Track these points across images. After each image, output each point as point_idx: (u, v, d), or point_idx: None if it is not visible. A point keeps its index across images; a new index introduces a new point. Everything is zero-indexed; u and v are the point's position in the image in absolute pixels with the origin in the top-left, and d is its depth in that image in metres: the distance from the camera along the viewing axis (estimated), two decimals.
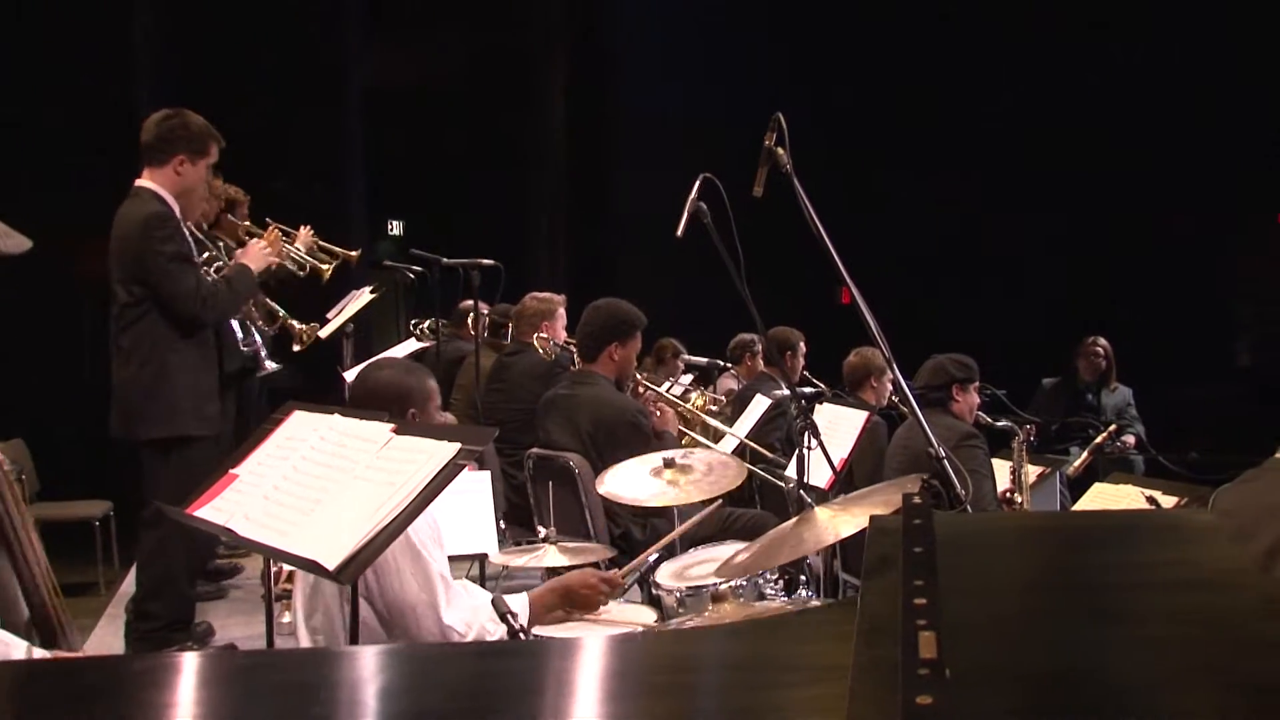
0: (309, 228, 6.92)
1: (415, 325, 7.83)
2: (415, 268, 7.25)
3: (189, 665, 1.67)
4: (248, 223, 6.73)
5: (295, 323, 6.17)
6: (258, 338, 6.40)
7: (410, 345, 7.02)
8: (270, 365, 6.37)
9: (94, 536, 6.81)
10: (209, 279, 5.15)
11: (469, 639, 2.98)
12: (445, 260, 6.50)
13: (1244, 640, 1.27)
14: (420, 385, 3.38)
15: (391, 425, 2.39)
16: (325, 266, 7.00)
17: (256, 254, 5.50)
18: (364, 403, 3.25)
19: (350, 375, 6.84)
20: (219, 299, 5.11)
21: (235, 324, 6.26)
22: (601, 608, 3.50)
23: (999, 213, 11.11)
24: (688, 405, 5.94)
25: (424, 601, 2.97)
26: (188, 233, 5.16)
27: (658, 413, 5.40)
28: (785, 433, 6.63)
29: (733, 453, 5.70)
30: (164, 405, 4.98)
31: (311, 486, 2.35)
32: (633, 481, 4.04)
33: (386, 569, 2.96)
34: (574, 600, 3.41)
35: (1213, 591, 1.41)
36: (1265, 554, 3.58)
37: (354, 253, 7.16)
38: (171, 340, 5.00)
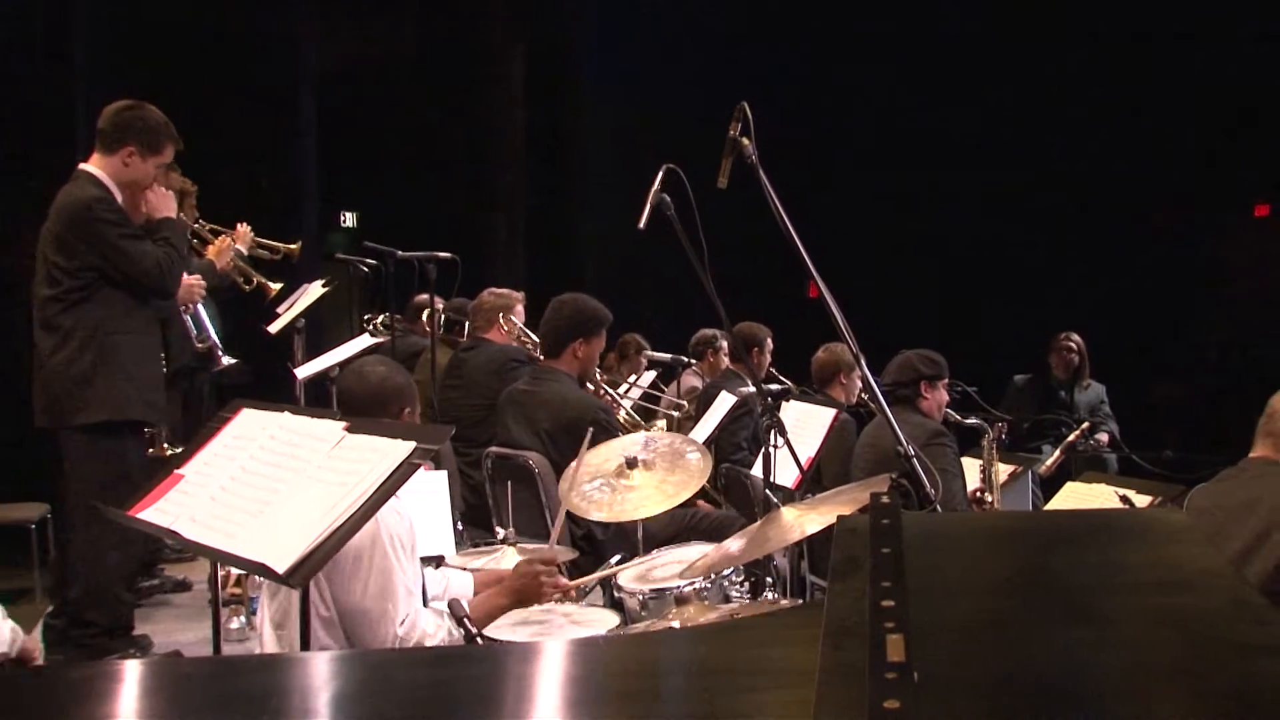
0: (246, 225, 6.84)
1: (369, 320, 7.79)
2: (369, 261, 7.21)
3: (131, 674, 1.66)
4: (197, 214, 6.69)
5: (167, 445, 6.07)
6: (213, 334, 6.36)
7: (364, 341, 6.98)
8: (226, 360, 6.34)
9: (30, 540, 6.73)
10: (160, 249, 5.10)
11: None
12: (400, 253, 6.47)
13: (1217, 643, 1.28)
14: (411, 385, 3.43)
15: (344, 424, 2.38)
16: (276, 286, 6.96)
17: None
18: (360, 400, 3.29)
19: (302, 372, 6.80)
20: (174, 264, 5.10)
21: (189, 319, 6.22)
22: (561, 603, 3.50)
23: (970, 207, 11.15)
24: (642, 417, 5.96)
25: (377, 610, 2.96)
26: None
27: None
28: (752, 431, 6.65)
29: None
30: (104, 389, 4.92)
31: (261, 487, 2.34)
32: (593, 490, 4.03)
33: (340, 572, 2.95)
34: (521, 595, 3.36)
35: (1186, 593, 1.42)
36: (1240, 555, 3.64)
37: (294, 246, 7.09)
38: (118, 323, 4.97)
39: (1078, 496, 4.91)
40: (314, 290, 7.38)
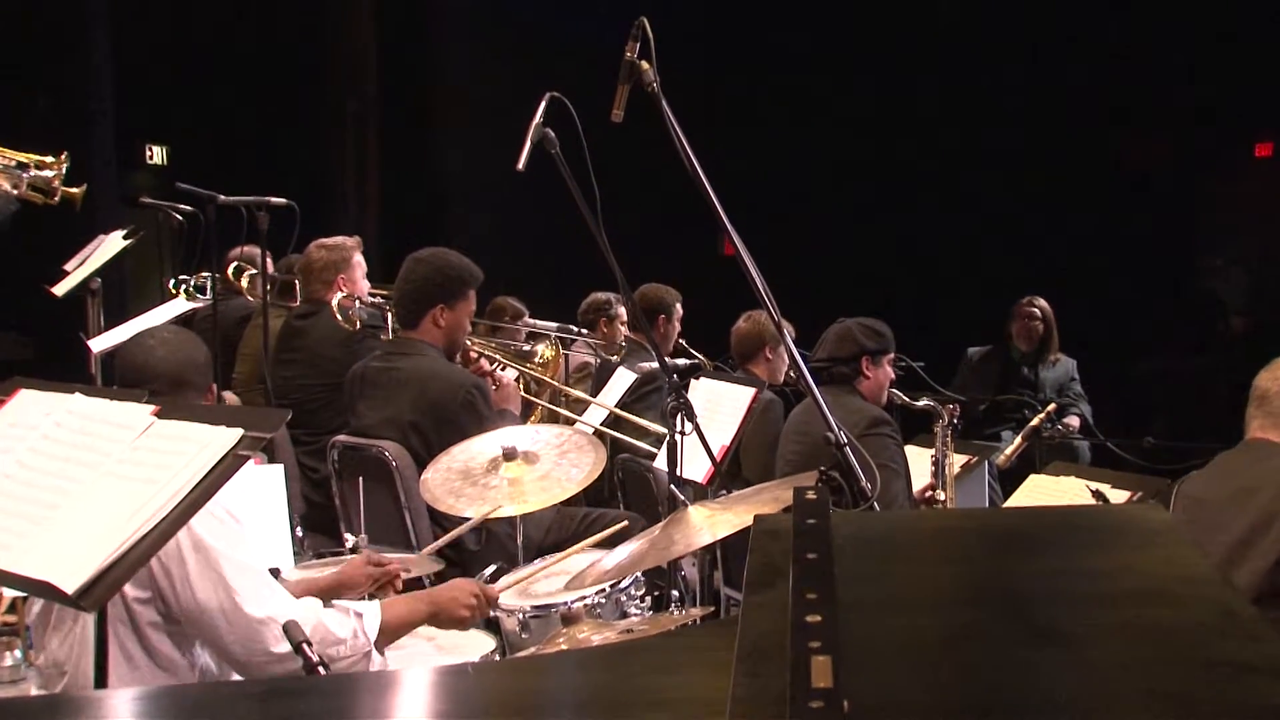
0: None
1: (183, 281, 7.66)
2: (183, 207, 7.07)
3: None
4: None
5: None
6: None
7: (178, 305, 6.86)
8: None
9: None
10: None
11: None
12: (222, 198, 6.36)
13: (1202, 661, 1.31)
14: (208, 362, 3.38)
15: (153, 407, 2.34)
16: (76, 190, 6.75)
17: None
18: (157, 379, 3.24)
19: (98, 344, 6.66)
20: None
21: None
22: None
23: (914, 145, 11.20)
24: (534, 365, 5.87)
25: (224, 602, 2.96)
26: None
27: (494, 385, 5.38)
28: (659, 414, 6.66)
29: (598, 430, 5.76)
30: None
31: (44, 487, 2.30)
32: (459, 484, 4.03)
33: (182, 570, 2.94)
34: (443, 617, 3.43)
35: (1167, 604, 1.46)
36: (1235, 547, 3.79)
37: (52, 159, 6.84)
38: None
39: (1042, 491, 5.00)
40: (112, 243, 7.22)
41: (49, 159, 6.62)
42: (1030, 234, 10.82)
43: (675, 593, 4.05)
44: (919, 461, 5.50)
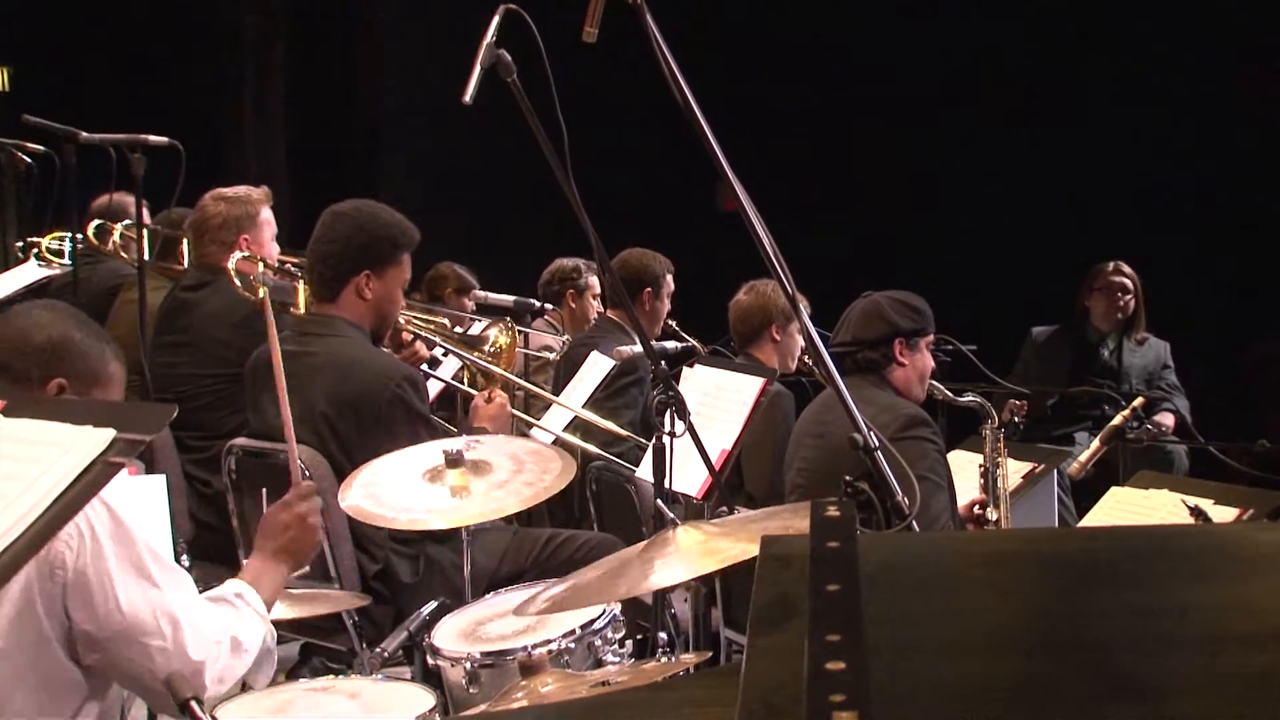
0: None
1: (33, 243, 7.65)
2: (32, 146, 7.06)
3: None
4: None
5: None
6: None
7: (29, 272, 6.84)
8: None
9: None
10: None
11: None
12: (85, 135, 6.35)
13: None
14: (74, 344, 3.35)
15: None
16: None
17: None
18: None
19: None
20: None
21: None
22: None
23: (966, 75, 11.18)
24: (483, 353, 5.86)
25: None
26: None
27: (487, 398, 5.38)
28: (641, 411, 6.67)
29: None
30: None
31: None
32: (395, 489, 4.04)
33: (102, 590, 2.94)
34: (301, 555, 3.54)
35: None
36: None
37: None
38: None
39: (1126, 507, 5.03)
40: None
41: None
42: (1112, 182, 10.80)
43: (663, 635, 4.05)
44: (966, 470, 5.50)
